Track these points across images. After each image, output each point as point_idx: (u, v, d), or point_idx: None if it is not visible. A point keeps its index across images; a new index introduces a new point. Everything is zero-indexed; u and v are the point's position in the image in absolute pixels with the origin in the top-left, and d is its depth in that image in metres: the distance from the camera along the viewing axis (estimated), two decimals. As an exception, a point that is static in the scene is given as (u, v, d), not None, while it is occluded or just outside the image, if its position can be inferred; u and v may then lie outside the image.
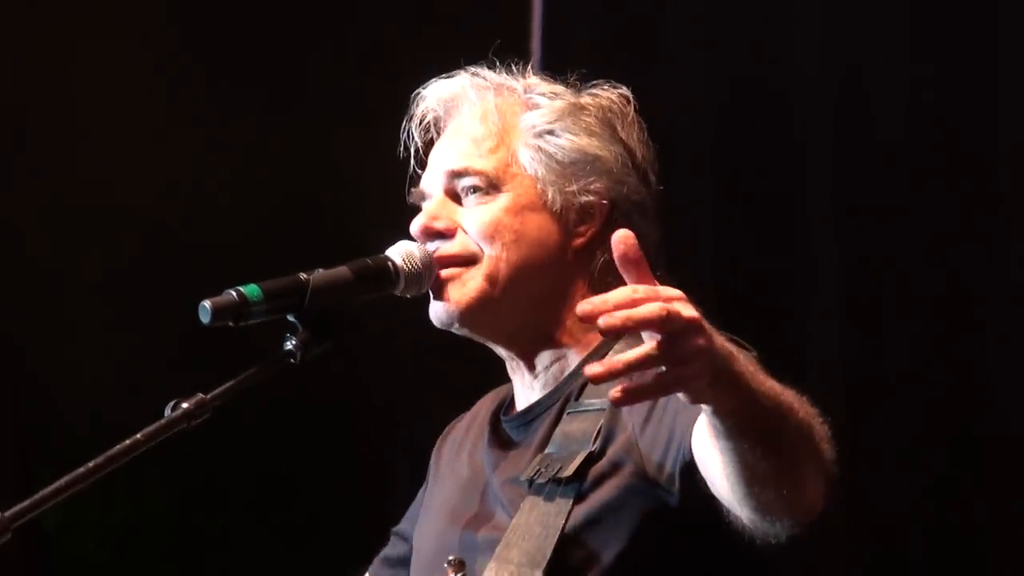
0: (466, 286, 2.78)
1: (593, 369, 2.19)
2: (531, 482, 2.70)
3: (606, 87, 2.89)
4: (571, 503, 2.64)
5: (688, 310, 2.21)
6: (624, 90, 2.89)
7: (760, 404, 2.32)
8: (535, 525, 2.65)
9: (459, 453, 2.96)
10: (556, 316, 2.82)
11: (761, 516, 2.43)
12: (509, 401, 2.92)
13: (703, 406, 2.32)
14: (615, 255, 2.25)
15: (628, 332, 2.19)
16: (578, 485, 2.65)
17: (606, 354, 2.77)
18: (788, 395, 2.39)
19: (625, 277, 2.25)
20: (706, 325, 2.23)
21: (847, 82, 4.32)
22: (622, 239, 2.25)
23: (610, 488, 2.65)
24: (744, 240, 4.34)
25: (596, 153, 2.82)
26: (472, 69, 2.89)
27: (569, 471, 2.65)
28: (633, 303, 2.18)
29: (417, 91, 2.92)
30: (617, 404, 2.22)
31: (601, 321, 2.17)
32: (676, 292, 2.22)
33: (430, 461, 3.07)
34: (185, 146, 4.45)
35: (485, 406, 3.00)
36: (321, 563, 3.78)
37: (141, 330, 4.32)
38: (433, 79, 2.92)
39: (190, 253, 4.34)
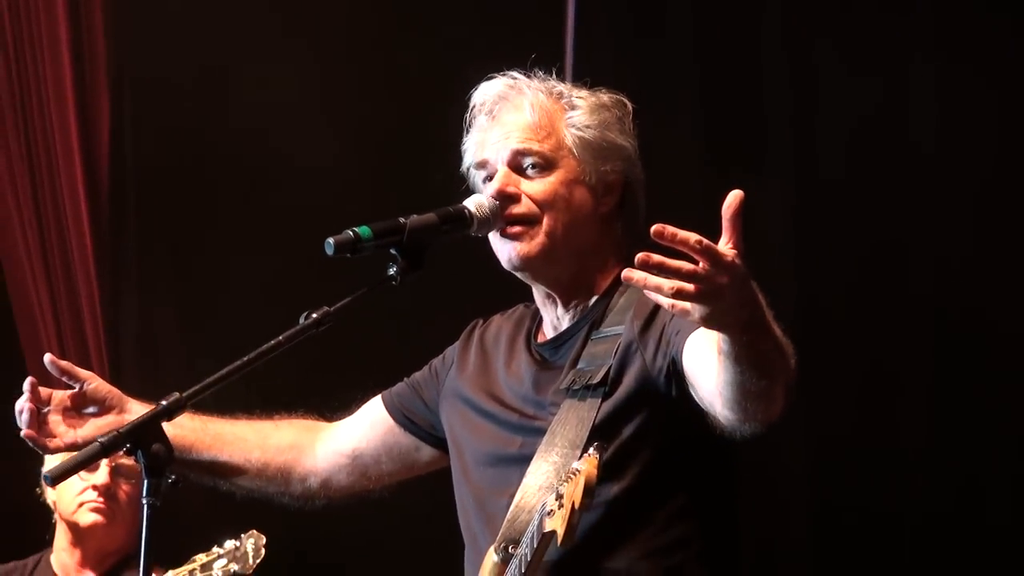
0: (532, 240, 3.49)
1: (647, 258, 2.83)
2: (568, 389, 3.42)
3: (604, 90, 3.61)
4: (600, 401, 3.37)
5: (735, 260, 2.86)
6: (620, 95, 3.62)
7: (765, 340, 2.98)
8: (572, 419, 3.37)
9: (497, 360, 3.62)
10: (588, 266, 3.54)
11: (740, 419, 3.09)
12: (536, 328, 3.61)
13: (723, 335, 2.95)
14: (727, 202, 2.89)
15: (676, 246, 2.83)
16: (604, 388, 3.37)
17: (613, 295, 3.50)
18: (778, 329, 3.05)
19: (724, 221, 2.91)
20: (739, 279, 2.86)
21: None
22: (736, 196, 2.89)
23: (626, 386, 3.36)
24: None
25: (620, 143, 3.55)
26: (514, 73, 3.59)
27: (597, 378, 3.39)
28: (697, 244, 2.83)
29: (478, 85, 3.61)
30: (641, 282, 2.81)
31: (667, 232, 2.82)
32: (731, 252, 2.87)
33: (464, 345, 3.72)
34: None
35: (505, 329, 3.67)
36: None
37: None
38: (486, 79, 3.61)
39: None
